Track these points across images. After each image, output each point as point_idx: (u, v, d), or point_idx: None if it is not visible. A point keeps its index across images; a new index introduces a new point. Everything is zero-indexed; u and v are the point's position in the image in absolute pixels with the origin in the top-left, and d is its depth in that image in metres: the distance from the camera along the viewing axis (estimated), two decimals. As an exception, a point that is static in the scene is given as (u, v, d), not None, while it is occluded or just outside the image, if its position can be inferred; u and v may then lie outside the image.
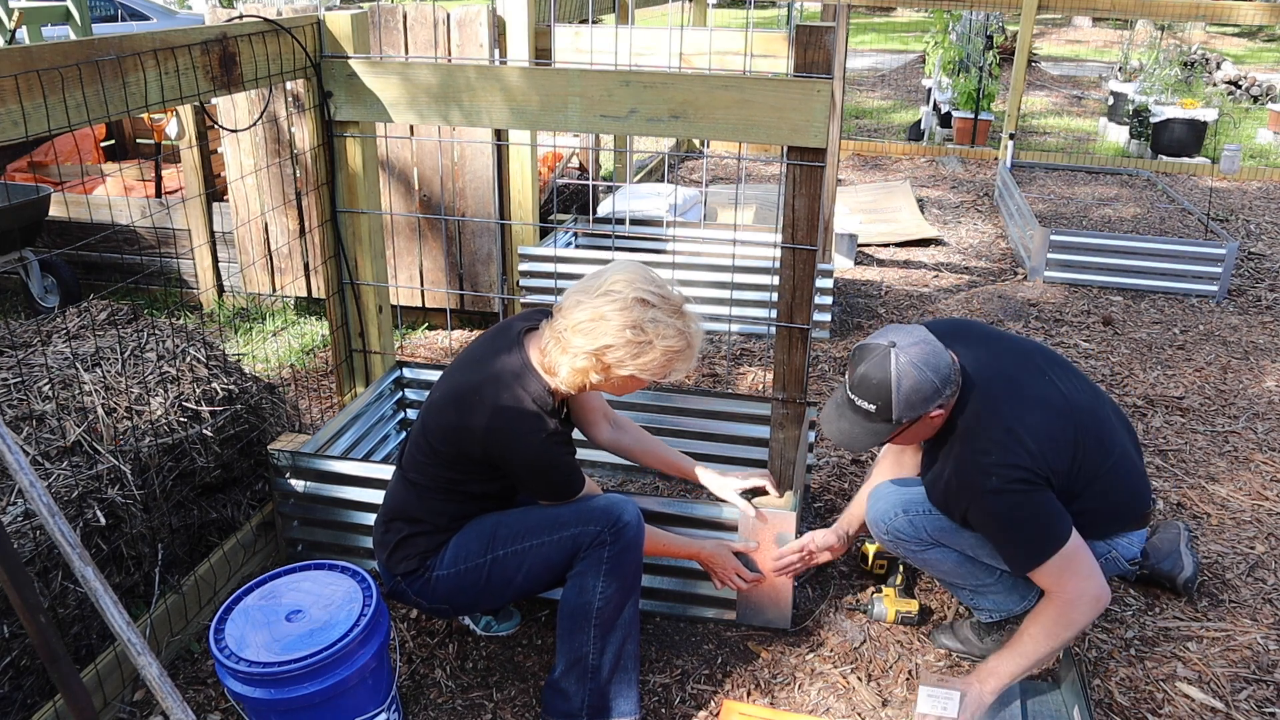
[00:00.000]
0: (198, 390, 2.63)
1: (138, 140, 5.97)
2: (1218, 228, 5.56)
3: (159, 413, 2.51)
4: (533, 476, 2.12)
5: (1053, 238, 5.07)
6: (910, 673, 2.41)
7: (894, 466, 2.59)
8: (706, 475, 2.50)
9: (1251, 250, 5.80)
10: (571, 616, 2.12)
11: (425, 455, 2.16)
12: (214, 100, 3.91)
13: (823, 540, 2.50)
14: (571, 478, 2.16)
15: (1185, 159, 7.80)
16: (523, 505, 2.24)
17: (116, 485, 2.30)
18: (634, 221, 4.87)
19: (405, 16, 4.00)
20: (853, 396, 2.15)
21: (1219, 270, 4.92)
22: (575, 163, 6.10)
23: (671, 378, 2.10)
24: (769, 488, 2.47)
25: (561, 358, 2.06)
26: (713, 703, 2.31)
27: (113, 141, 5.96)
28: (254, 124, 4.23)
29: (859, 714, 2.28)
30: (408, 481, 2.20)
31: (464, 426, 2.08)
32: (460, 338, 4.44)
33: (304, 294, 4.59)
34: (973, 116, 8.36)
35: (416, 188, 4.31)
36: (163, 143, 5.05)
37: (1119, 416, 2.36)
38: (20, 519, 2.11)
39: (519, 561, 2.13)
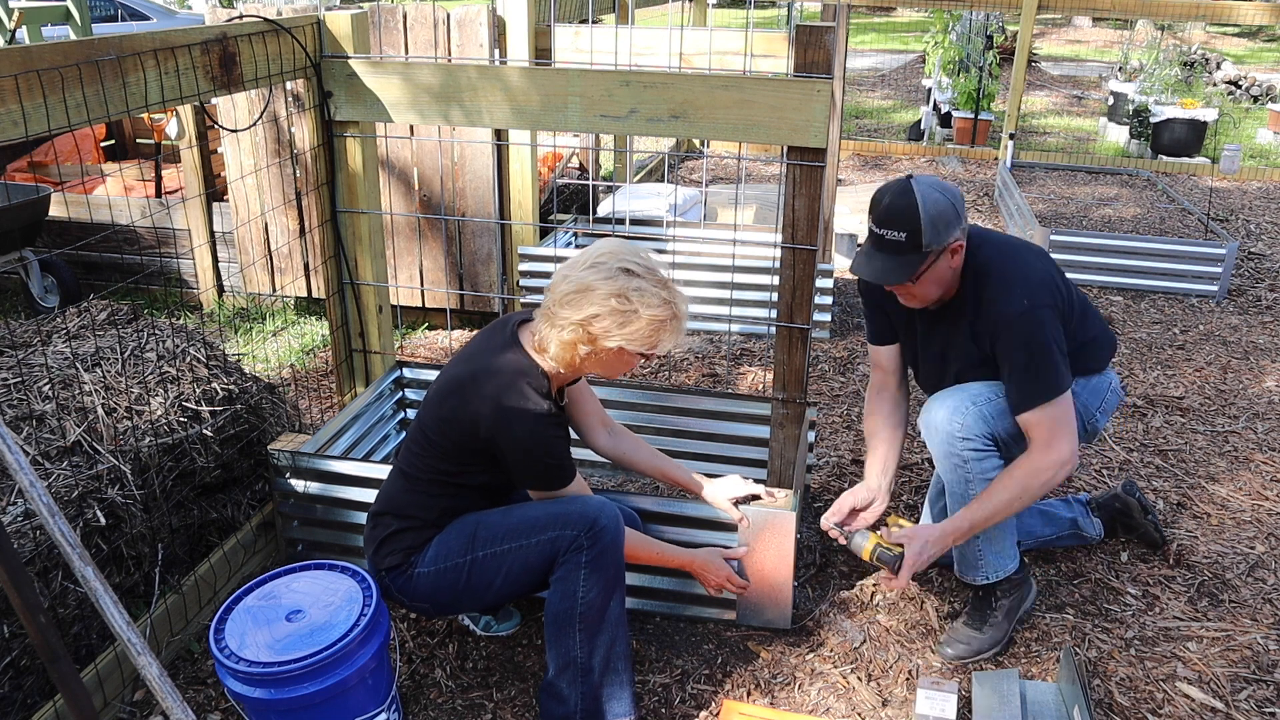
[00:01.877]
0: (198, 390, 2.63)
1: (138, 140, 5.97)
2: (1218, 228, 5.56)
3: (159, 413, 2.51)
4: (524, 459, 2.12)
5: (1053, 238, 5.07)
6: (910, 673, 2.41)
7: (890, 419, 2.60)
8: (702, 485, 2.50)
9: (1251, 250, 5.80)
10: (557, 621, 2.13)
11: (421, 447, 2.17)
12: (214, 100, 3.91)
13: (864, 496, 2.52)
14: (562, 465, 2.17)
15: (1185, 159, 7.80)
16: (508, 505, 2.24)
17: (116, 485, 2.30)
18: (634, 221, 4.87)
19: (405, 16, 4.00)
20: (881, 232, 2.23)
21: (1219, 270, 4.92)
22: (575, 163, 6.10)
23: (659, 350, 2.10)
24: (764, 494, 2.47)
25: (550, 331, 2.08)
26: (713, 703, 2.31)
27: (113, 141, 5.96)
28: (254, 124, 4.23)
29: (859, 714, 2.28)
30: (401, 475, 2.21)
31: (463, 415, 2.09)
32: (460, 338, 4.44)
33: (304, 294, 4.59)
34: (973, 116, 8.36)
35: (416, 188, 4.31)
36: (163, 143, 5.05)
37: None
38: (20, 519, 2.11)
39: (498, 564, 2.14)
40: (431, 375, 3.13)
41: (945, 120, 8.68)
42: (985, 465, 2.34)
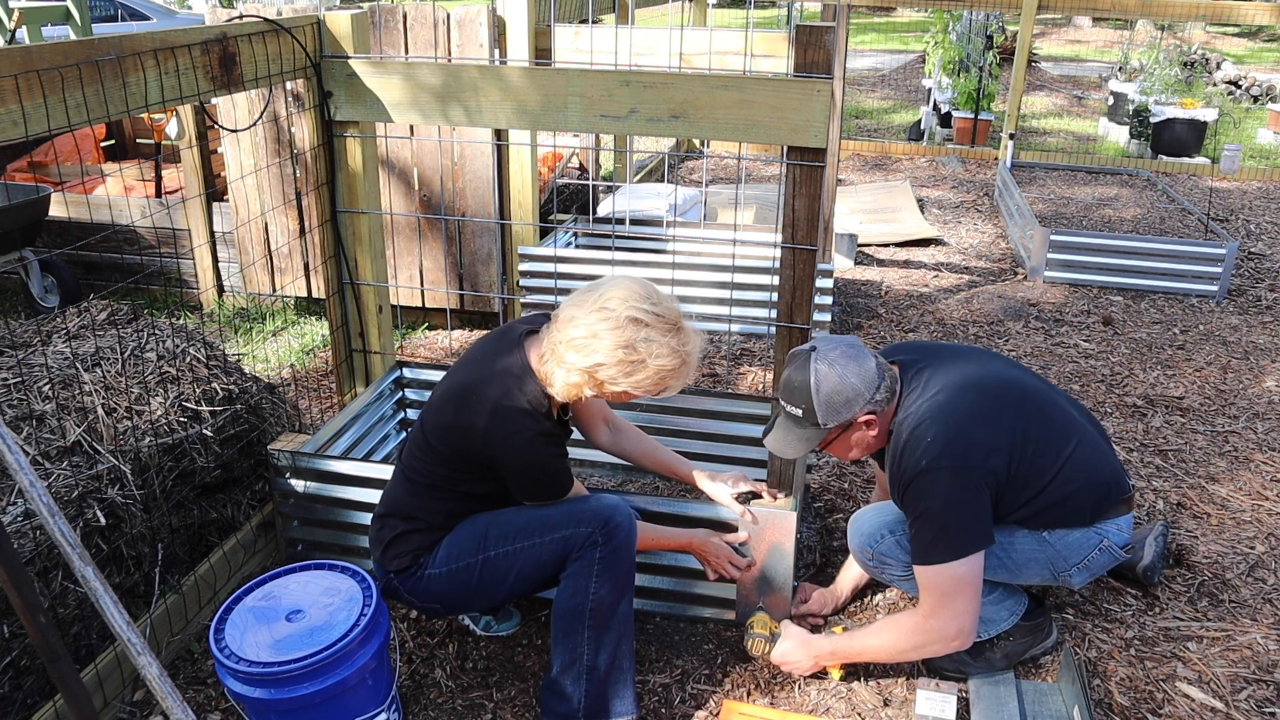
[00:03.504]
0: (198, 390, 2.63)
1: (138, 140, 5.97)
2: (1218, 228, 5.56)
3: (159, 413, 2.51)
4: (519, 474, 2.12)
5: (1053, 238, 5.07)
6: (909, 673, 2.41)
7: (882, 490, 2.57)
8: (703, 479, 2.51)
9: (1251, 250, 5.80)
10: (565, 618, 2.13)
11: (423, 452, 2.17)
12: (214, 100, 3.91)
13: (824, 601, 2.57)
14: (558, 479, 2.17)
15: (1185, 159, 7.80)
16: (517, 505, 2.24)
17: (116, 485, 2.30)
18: (634, 221, 4.87)
19: (405, 16, 4.00)
20: (783, 403, 2.19)
21: (1219, 270, 4.92)
22: (575, 163, 6.10)
23: (667, 394, 2.10)
24: (764, 493, 2.47)
25: (557, 371, 2.06)
26: (712, 702, 2.31)
27: (113, 141, 5.96)
28: (254, 124, 4.23)
29: (859, 714, 2.28)
30: (406, 478, 2.21)
31: (461, 424, 2.09)
32: (460, 338, 4.44)
33: (304, 294, 4.59)
34: (973, 116, 8.36)
35: (416, 188, 4.31)
36: (163, 143, 5.05)
37: (1079, 408, 2.37)
38: (20, 519, 2.11)
39: (510, 562, 2.14)
40: (431, 375, 3.13)
41: (945, 120, 8.68)
42: (910, 585, 2.32)
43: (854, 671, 2.39)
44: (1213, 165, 7.65)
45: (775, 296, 2.95)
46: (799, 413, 2.15)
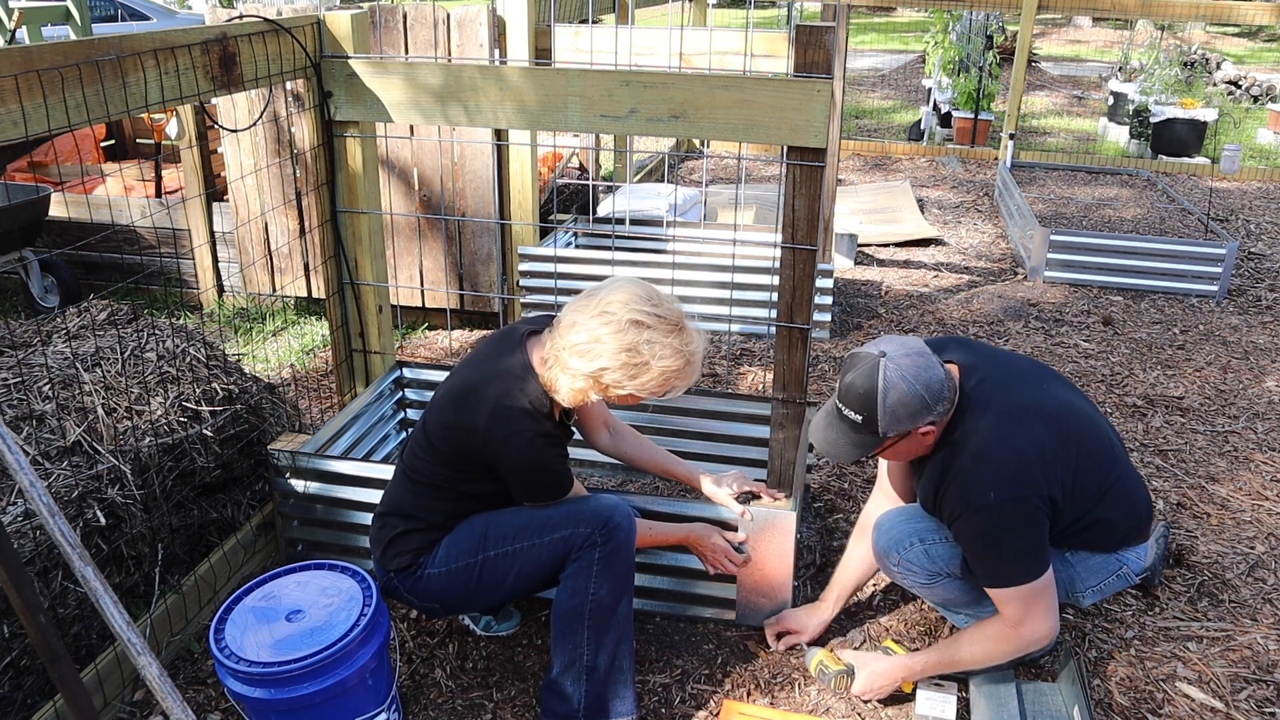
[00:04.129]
0: (198, 390, 2.63)
1: (138, 140, 5.97)
2: (1218, 228, 5.56)
3: (159, 413, 2.51)
4: (519, 475, 2.12)
5: (1053, 238, 5.07)
6: (910, 673, 2.41)
7: (890, 492, 2.54)
8: (704, 482, 2.50)
9: (1251, 250, 5.80)
10: (565, 618, 2.13)
11: (425, 452, 2.17)
12: (214, 100, 3.91)
13: (813, 623, 2.48)
14: (558, 480, 2.16)
15: (1185, 159, 7.80)
16: (517, 505, 2.24)
17: (116, 485, 2.30)
18: (634, 221, 4.87)
19: (405, 16, 4.00)
20: (840, 405, 2.10)
21: (1219, 270, 4.92)
22: (575, 163, 6.10)
23: (673, 394, 2.10)
24: (764, 494, 2.47)
25: (561, 376, 2.07)
26: (712, 702, 2.31)
27: (113, 141, 5.97)
28: (254, 124, 4.23)
29: (859, 714, 2.28)
30: (407, 478, 2.21)
31: (462, 425, 2.09)
32: (460, 338, 4.44)
33: (304, 294, 4.59)
34: (973, 116, 8.36)
35: (416, 187, 4.31)
36: (163, 143, 5.05)
37: (1113, 430, 2.36)
38: (20, 519, 2.11)
39: (510, 562, 2.14)
40: (431, 375, 3.13)
41: (945, 120, 8.68)
42: (935, 585, 2.31)
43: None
44: (1213, 165, 7.65)
45: (775, 296, 2.95)
46: (858, 419, 2.06)
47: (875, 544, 2.37)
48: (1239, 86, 11.10)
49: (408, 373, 3.14)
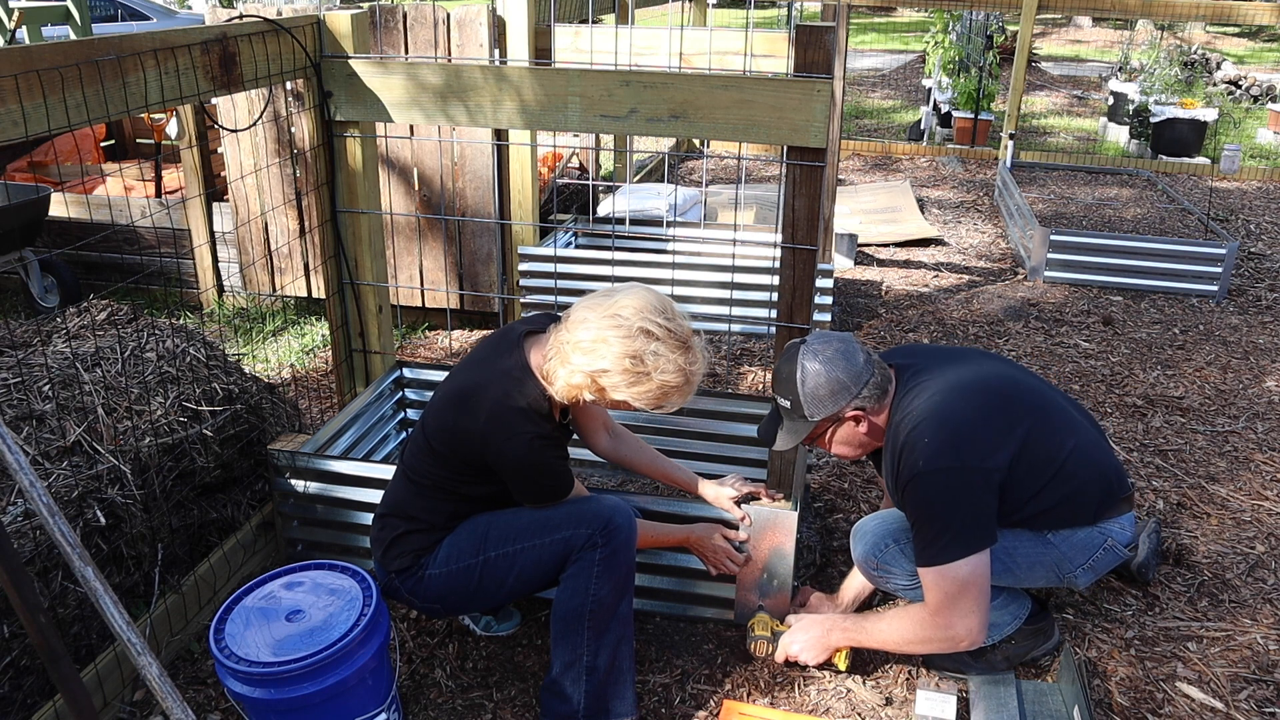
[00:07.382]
0: (198, 390, 2.63)
1: (138, 140, 5.97)
2: (1218, 228, 5.56)
3: (159, 413, 2.51)
4: (519, 478, 2.12)
5: (1053, 238, 5.07)
6: (910, 673, 2.41)
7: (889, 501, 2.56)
8: (704, 486, 2.50)
9: (1251, 250, 5.80)
10: (565, 619, 2.13)
11: (424, 453, 2.17)
12: (214, 100, 3.91)
13: (826, 606, 2.53)
14: (559, 484, 2.16)
15: (1185, 159, 7.80)
16: (518, 506, 2.24)
17: (116, 485, 2.30)
18: (634, 221, 4.87)
19: (405, 16, 4.00)
20: (774, 395, 2.25)
21: (1219, 270, 4.92)
22: (575, 163, 6.10)
23: (664, 410, 2.09)
24: (764, 494, 2.47)
25: (560, 370, 2.05)
26: (712, 702, 2.31)
27: (113, 141, 5.97)
28: (254, 124, 4.23)
29: (859, 714, 2.28)
30: (407, 479, 2.21)
31: (461, 428, 2.08)
32: (460, 338, 4.44)
33: (304, 294, 4.59)
34: (973, 116, 8.36)
35: (416, 187, 4.31)
36: (163, 143, 5.05)
37: (1077, 407, 2.36)
38: (20, 519, 2.11)
39: (510, 563, 2.14)
40: (431, 375, 3.13)
41: (945, 120, 8.68)
42: (917, 595, 2.28)
43: (854, 671, 2.39)
44: (1213, 165, 7.65)
45: (775, 296, 2.95)
46: (787, 404, 2.21)
47: (854, 553, 2.39)
48: (1239, 86, 11.10)
49: (408, 373, 3.14)
